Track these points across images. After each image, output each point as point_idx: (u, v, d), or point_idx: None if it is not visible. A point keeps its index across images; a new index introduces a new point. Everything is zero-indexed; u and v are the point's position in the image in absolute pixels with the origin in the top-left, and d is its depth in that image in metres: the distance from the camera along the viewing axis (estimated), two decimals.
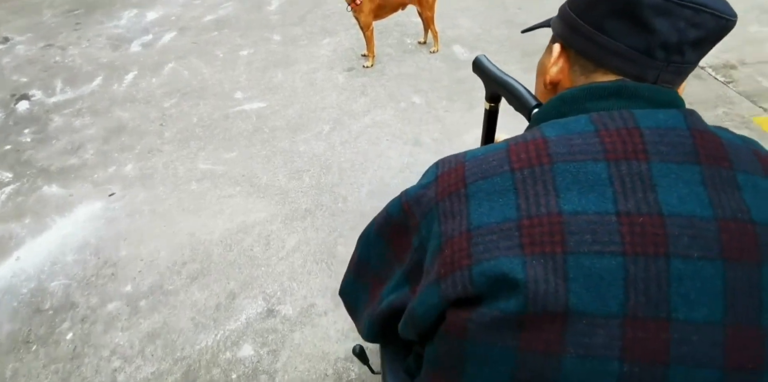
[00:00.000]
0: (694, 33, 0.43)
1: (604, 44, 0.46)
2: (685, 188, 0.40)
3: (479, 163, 0.44)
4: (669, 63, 0.45)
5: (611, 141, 0.41)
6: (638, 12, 0.43)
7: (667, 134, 0.42)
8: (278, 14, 3.57)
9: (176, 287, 1.54)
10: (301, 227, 1.76)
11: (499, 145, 0.45)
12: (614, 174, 0.40)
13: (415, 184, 0.49)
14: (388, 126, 2.27)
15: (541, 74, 0.56)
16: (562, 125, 0.44)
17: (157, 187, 1.98)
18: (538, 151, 0.42)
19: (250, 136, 2.26)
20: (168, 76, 2.83)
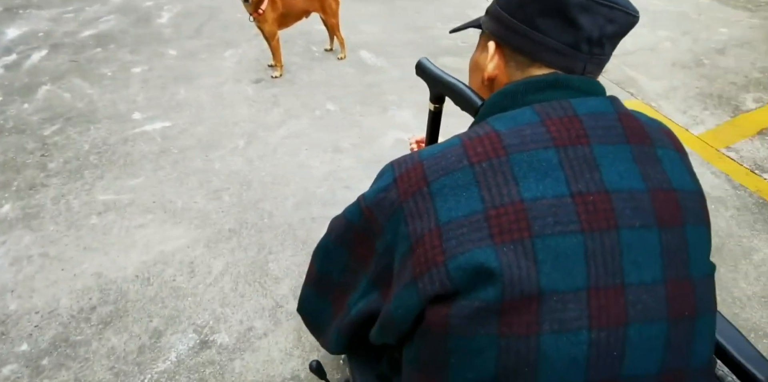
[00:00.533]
0: (611, 28, 0.48)
1: (538, 41, 0.49)
2: (622, 166, 0.45)
3: (437, 160, 0.46)
4: (592, 55, 0.49)
5: (556, 129, 0.45)
6: (566, 10, 0.47)
7: (601, 119, 0.46)
8: (171, 27, 3.33)
9: (86, 337, 1.35)
10: (227, 248, 1.64)
11: (453, 142, 0.47)
12: (563, 159, 0.44)
13: (371, 188, 0.49)
14: (305, 135, 2.22)
15: (477, 71, 0.58)
16: (510, 118, 0.47)
17: (46, 227, 1.72)
18: (492, 144, 0.45)
19: (157, 158, 2.07)
20: (44, 101, 2.49)
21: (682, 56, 2.95)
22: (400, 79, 2.67)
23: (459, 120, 1.18)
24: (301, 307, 0.63)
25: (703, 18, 3.52)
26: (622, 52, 2.99)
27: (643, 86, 2.65)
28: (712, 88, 2.61)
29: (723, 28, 3.34)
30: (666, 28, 3.33)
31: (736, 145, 2.17)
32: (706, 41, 3.14)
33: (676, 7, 3.74)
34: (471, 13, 3.49)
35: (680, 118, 2.38)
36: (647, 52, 3.02)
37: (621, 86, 2.65)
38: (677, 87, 2.63)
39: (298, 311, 0.64)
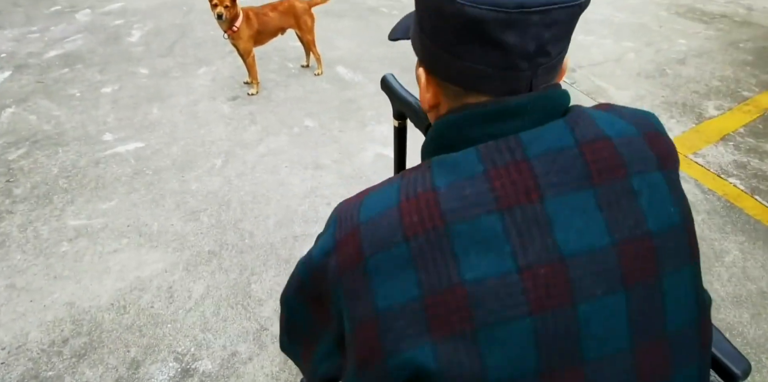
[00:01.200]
0: (549, 32, 0.40)
1: (465, 70, 0.42)
2: (581, 219, 0.39)
3: (373, 229, 0.41)
4: (537, 67, 0.41)
5: (501, 184, 0.39)
6: (483, 32, 0.39)
7: (557, 159, 0.40)
8: (141, 46, 3.29)
9: (58, 372, 1.27)
10: (207, 271, 1.59)
11: (391, 200, 0.41)
12: (509, 225, 0.38)
13: (317, 245, 0.46)
14: (284, 153, 2.21)
15: (420, 93, 0.52)
16: (452, 166, 0.41)
17: (12, 257, 1.64)
18: (430, 209, 0.39)
19: (130, 181, 2.01)
20: (8, 124, 2.40)
21: (647, 66, 3.09)
22: (378, 94, 2.69)
23: None
24: (282, 347, 0.60)
25: (663, 30, 3.70)
26: (590, 63, 3.11)
27: (612, 96, 2.75)
28: (676, 97, 2.73)
29: (682, 39, 3.52)
30: (629, 40, 3.48)
31: (702, 151, 2.26)
32: (667, 52, 3.29)
33: (638, 19, 3.92)
34: None
35: None
36: (613, 63, 3.15)
37: (591, 96, 2.75)
38: (644, 96, 2.74)
39: (281, 349, 0.62)
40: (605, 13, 3.99)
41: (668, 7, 4.22)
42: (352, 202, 0.45)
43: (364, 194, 0.46)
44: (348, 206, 0.45)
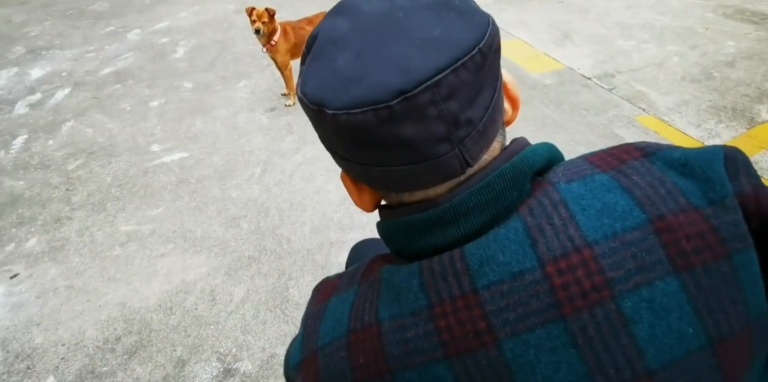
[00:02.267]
0: (455, 102, 0.30)
1: (380, 175, 0.34)
2: (550, 364, 0.30)
3: (327, 361, 0.37)
4: (461, 142, 0.32)
5: (446, 325, 0.32)
6: (374, 137, 0.31)
7: (512, 290, 0.31)
8: (185, 61, 3.48)
9: (112, 368, 1.35)
10: (247, 275, 1.65)
11: (342, 327, 0.37)
12: (461, 376, 0.32)
13: (292, 348, 0.44)
14: (320, 161, 2.26)
15: (352, 198, 0.44)
16: (395, 293, 0.35)
17: (71, 260, 1.76)
18: (374, 352, 0.34)
19: (176, 189, 2.12)
20: (68, 136, 2.59)
21: (692, 70, 2.97)
22: None
23: None
24: None
25: (709, 32, 3.55)
26: (631, 69, 3.02)
27: (654, 101, 2.66)
28: (724, 101, 2.61)
29: (730, 41, 3.36)
30: (673, 43, 3.36)
31: (755, 158, 2.14)
32: (714, 54, 3.16)
33: (682, 21, 3.79)
34: None
35: (695, 132, 2.37)
36: (655, 67, 3.05)
37: (632, 102, 2.67)
38: (688, 101, 2.63)
39: None
40: (646, 18, 3.87)
41: (714, 8, 4.05)
42: (319, 305, 0.42)
43: (330, 293, 0.42)
44: (314, 311, 0.42)
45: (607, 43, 3.32)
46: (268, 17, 2.39)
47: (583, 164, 0.36)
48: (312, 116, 0.34)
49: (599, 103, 2.68)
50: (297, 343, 0.43)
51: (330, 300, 0.41)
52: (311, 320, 0.41)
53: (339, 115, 0.31)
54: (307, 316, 0.42)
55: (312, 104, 0.32)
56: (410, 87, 0.29)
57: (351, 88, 0.31)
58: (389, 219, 0.37)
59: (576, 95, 2.76)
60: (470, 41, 0.30)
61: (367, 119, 0.30)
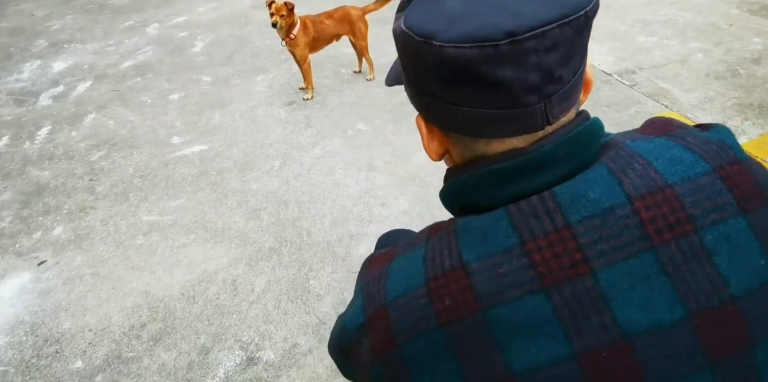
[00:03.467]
0: (553, 56, 0.33)
1: (464, 116, 0.36)
2: (644, 291, 0.33)
3: (402, 312, 0.37)
4: (548, 98, 0.34)
5: (542, 259, 0.33)
6: (474, 74, 0.33)
7: (606, 223, 0.33)
8: (204, 55, 3.50)
9: (138, 353, 1.37)
10: (268, 266, 1.67)
11: (418, 278, 0.37)
12: (558, 304, 0.33)
13: (349, 313, 0.43)
14: (339, 155, 2.27)
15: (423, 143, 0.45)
16: (481, 235, 0.36)
17: (96, 248, 1.79)
18: (463, 293, 0.34)
19: (196, 180, 2.15)
20: (90, 128, 2.63)
21: (716, 67, 2.91)
22: None
23: None
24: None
25: (734, 28, 3.47)
26: (653, 65, 2.98)
27: (678, 98, 2.61)
28: (750, 98, 2.55)
29: (756, 37, 3.28)
30: (696, 40, 3.30)
31: None
32: (739, 51, 3.09)
33: (705, 18, 3.71)
34: None
35: None
36: (678, 64, 2.99)
37: (654, 99, 2.62)
38: (713, 98, 2.58)
39: None
40: (668, 14, 3.80)
41: (739, 4, 3.95)
42: (377, 270, 0.41)
43: (388, 258, 0.42)
44: (373, 276, 0.41)
45: (628, 40, 3.27)
46: (287, 11, 2.40)
47: (635, 133, 0.40)
48: (412, 51, 0.35)
49: (621, 99, 2.64)
50: (355, 308, 0.42)
51: (390, 264, 0.41)
52: (371, 284, 0.42)
53: (447, 47, 0.32)
54: (364, 284, 0.43)
55: (419, 36, 0.34)
56: (520, 31, 0.31)
57: (461, 24, 0.33)
58: (464, 174, 0.39)
59: (597, 91, 2.73)
60: (580, 3, 0.33)
61: (473, 55, 0.32)
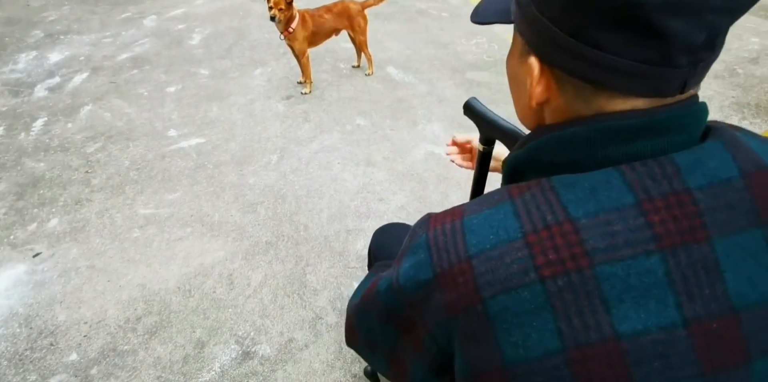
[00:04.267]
0: (728, 20, 0.32)
1: (601, 62, 0.33)
2: (753, 265, 0.33)
3: (492, 265, 0.34)
4: (696, 64, 0.33)
5: (660, 220, 0.32)
6: (641, 17, 0.30)
7: (722, 193, 0.33)
8: (202, 48, 3.47)
9: (133, 346, 1.37)
10: (264, 260, 1.66)
11: (511, 231, 0.34)
12: (673, 269, 0.32)
13: (404, 271, 0.39)
14: (337, 150, 2.26)
15: (519, 87, 0.42)
16: (590, 192, 0.34)
17: (92, 240, 1.78)
18: (570, 246, 0.32)
19: (193, 174, 2.13)
20: (87, 120, 2.61)
21: (714, 66, 2.91)
22: (428, 94, 2.70)
23: None
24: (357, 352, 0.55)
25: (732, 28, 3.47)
26: None
27: None
28: (748, 98, 2.56)
29: (754, 37, 3.29)
30: None
31: None
32: (738, 51, 3.09)
33: None
34: (496, 30, 3.53)
35: None
36: None
37: None
38: (711, 97, 2.59)
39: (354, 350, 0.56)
40: None
41: None
42: (446, 224, 0.38)
43: (456, 213, 0.39)
44: (441, 228, 0.38)
45: None
46: (285, 4, 2.38)
47: None
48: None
49: None
50: (415, 263, 0.38)
51: (464, 219, 0.37)
52: (439, 237, 0.37)
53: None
54: (429, 237, 0.38)
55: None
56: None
57: None
58: (571, 128, 0.36)
59: None
60: None
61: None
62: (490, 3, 0.46)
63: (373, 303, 0.44)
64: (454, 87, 2.76)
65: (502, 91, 2.69)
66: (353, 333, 0.52)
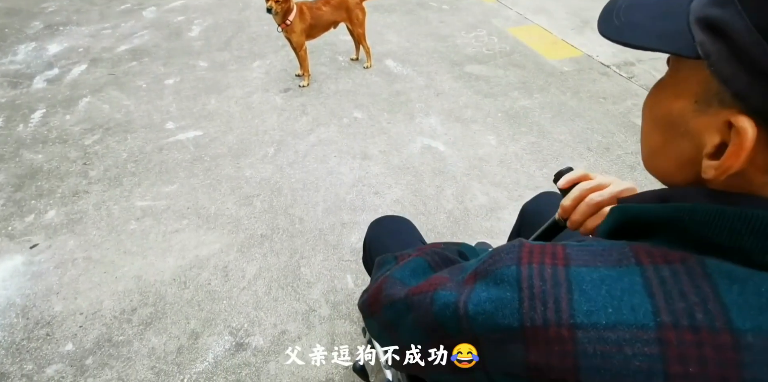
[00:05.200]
0: None
1: None
2: None
3: (605, 349, 0.27)
4: None
5: None
6: None
7: None
8: (201, 40, 3.46)
9: (128, 337, 1.39)
10: (259, 253, 1.67)
11: (641, 316, 0.27)
12: None
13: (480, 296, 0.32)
14: (334, 143, 2.26)
15: (677, 138, 0.32)
16: (767, 301, 0.26)
17: (89, 232, 1.79)
18: (722, 365, 0.25)
19: (190, 166, 2.14)
20: (85, 112, 2.61)
21: None
22: (426, 87, 2.69)
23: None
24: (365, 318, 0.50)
25: None
26: (651, 57, 2.95)
27: None
28: None
29: None
30: None
31: None
32: None
33: None
34: (494, 22, 3.50)
35: None
36: None
37: None
38: None
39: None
40: None
41: None
42: (546, 265, 0.31)
43: (559, 255, 0.32)
44: (538, 268, 0.31)
45: None
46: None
47: None
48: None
49: (618, 91, 2.63)
50: (503, 305, 0.31)
51: (569, 268, 0.30)
52: (538, 280, 0.30)
53: None
54: (523, 275, 0.31)
55: None
56: None
57: None
58: (758, 209, 0.27)
59: (594, 83, 2.71)
60: None
61: None
62: (643, 14, 0.32)
63: (420, 308, 0.38)
64: (452, 80, 2.75)
65: (500, 85, 2.67)
66: (376, 308, 0.45)
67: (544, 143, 2.19)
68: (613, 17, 0.33)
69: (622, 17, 0.33)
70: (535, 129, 2.30)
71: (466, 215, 1.81)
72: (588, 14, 3.57)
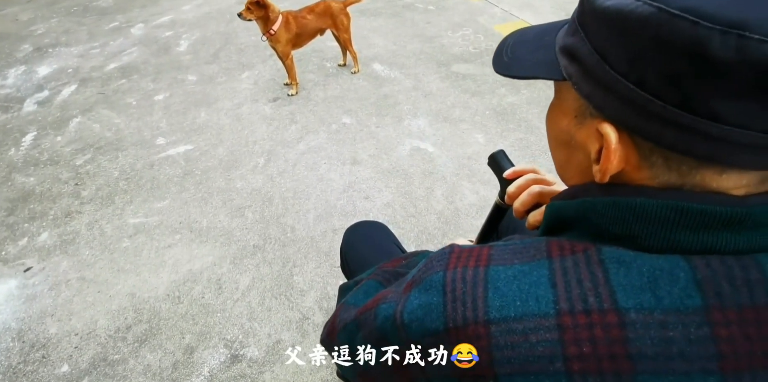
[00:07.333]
0: None
1: (720, 136, 0.27)
2: None
3: (513, 339, 0.29)
4: None
5: (729, 336, 0.27)
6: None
7: None
8: (189, 54, 3.48)
9: (123, 355, 1.38)
10: (252, 264, 1.67)
11: (542, 302, 0.29)
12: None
13: (413, 304, 0.34)
14: (323, 149, 2.26)
15: (571, 151, 0.36)
16: (648, 281, 0.28)
17: (82, 252, 1.79)
18: (610, 342, 0.27)
19: (181, 181, 2.14)
20: (75, 132, 2.63)
21: None
22: (414, 89, 2.69)
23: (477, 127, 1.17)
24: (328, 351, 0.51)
25: None
26: None
27: None
28: None
29: None
30: None
31: None
32: None
33: None
34: (480, 20, 3.50)
35: None
36: None
37: None
38: None
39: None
40: None
41: None
42: (468, 267, 0.33)
43: (483, 257, 0.34)
44: (461, 271, 0.33)
45: None
46: (254, 5, 2.37)
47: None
48: (681, 42, 0.25)
49: None
50: (425, 303, 0.33)
51: (490, 268, 0.32)
52: (459, 283, 0.32)
53: (765, 43, 0.23)
54: (448, 278, 0.33)
55: (714, 23, 0.24)
56: None
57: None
58: (661, 202, 0.30)
59: None
60: None
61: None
62: (524, 50, 0.37)
63: (366, 326, 0.39)
64: (439, 81, 2.75)
65: (487, 82, 2.67)
66: (333, 336, 0.47)
67: (532, 139, 2.18)
68: (503, 54, 0.39)
69: (510, 53, 0.38)
70: (523, 125, 2.29)
71: (456, 214, 1.80)
72: (573, 8, 3.57)
